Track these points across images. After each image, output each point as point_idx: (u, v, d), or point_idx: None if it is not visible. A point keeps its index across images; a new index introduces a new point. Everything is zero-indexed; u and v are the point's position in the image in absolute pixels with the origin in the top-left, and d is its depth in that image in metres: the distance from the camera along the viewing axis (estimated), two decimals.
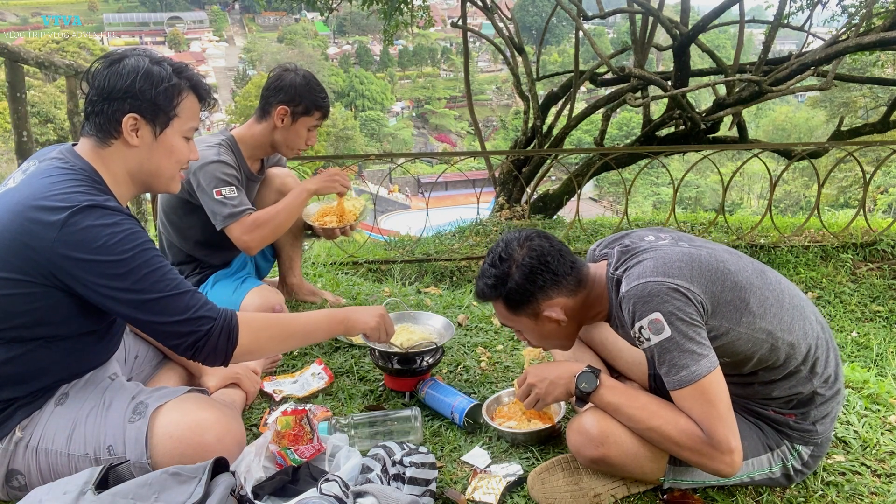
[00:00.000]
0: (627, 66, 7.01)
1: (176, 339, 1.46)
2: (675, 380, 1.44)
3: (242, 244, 2.33)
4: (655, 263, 1.48)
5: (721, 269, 1.49)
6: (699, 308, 1.44)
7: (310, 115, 2.44)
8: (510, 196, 7.23)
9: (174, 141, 1.58)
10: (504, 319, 1.70)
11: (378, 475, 1.57)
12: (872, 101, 15.06)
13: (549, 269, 1.59)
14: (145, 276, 1.41)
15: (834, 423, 1.66)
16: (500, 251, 1.63)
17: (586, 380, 1.58)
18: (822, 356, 1.58)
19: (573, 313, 1.64)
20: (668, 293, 1.43)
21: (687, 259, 1.49)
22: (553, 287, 1.59)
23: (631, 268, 1.52)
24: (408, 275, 4.67)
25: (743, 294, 1.49)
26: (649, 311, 1.43)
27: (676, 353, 1.42)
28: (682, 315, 1.42)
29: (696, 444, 1.43)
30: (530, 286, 1.59)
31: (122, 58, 1.52)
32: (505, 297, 1.62)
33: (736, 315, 1.48)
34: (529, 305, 1.61)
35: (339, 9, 8.61)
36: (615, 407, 1.54)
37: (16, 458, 1.48)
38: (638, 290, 1.45)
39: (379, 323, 1.81)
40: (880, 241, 5.10)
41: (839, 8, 7.41)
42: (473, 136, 22.11)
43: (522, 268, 1.59)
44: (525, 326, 1.68)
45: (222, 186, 2.29)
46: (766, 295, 1.53)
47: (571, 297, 1.62)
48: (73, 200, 1.38)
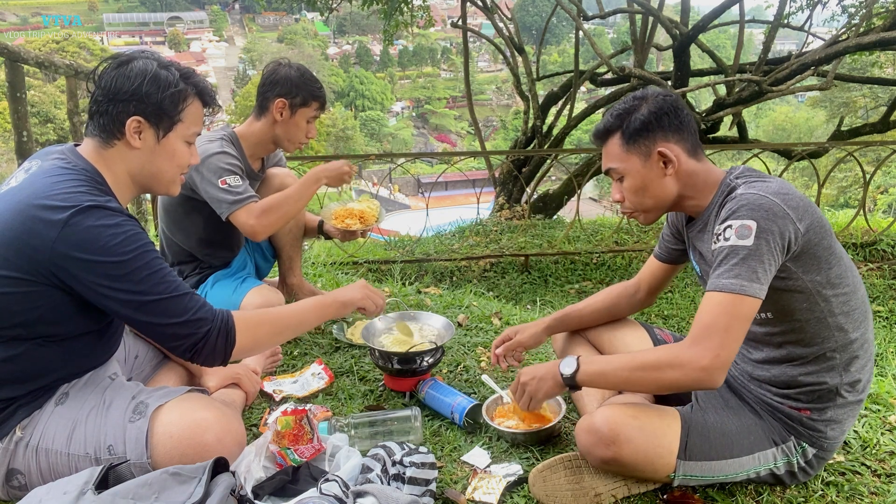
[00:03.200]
0: (627, 66, 7.02)
1: (175, 341, 1.46)
2: (722, 283, 1.42)
3: (249, 229, 2.28)
4: (780, 187, 1.48)
5: (826, 228, 1.51)
6: (791, 243, 1.44)
7: (308, 106, 2.44)
8: (510, 196, 7.23)
9: (176, 145, 1.58)
10: (613, 159, 1.65)
11: (378, 475, 1.57)
12: (872, 101, 15.07)
13: (678, 117, 1.59)
14: (145, 277, 1.41)
15: (844, 436, 1.65)
16: (635, 95, 1.64)
17: (566, 364, 1.60)
18: (861, 357, 1.58)
19: (682, 172, 1.61)
20: (776, 214, 1.42)
21: (806, 201, 1.49)
22: (674, 133, 1.59)
23: (753, 182, 1.52)
24: (408, 275, 4.67)
25: (831, 259, 1.50)
26: (749, 216, 1.43)
27: (742, 263, 1.41)
28: (772, 239, 1.41)
29: (674, 355, 1.44)
30: (655, 121, 1.59)
31: (130, 60, 1.53)
32: (625, 127, 1.61)
33: (814, 270, 1.49)
34: (646, 140, 1.60)
35: (339, 9, 8.62)
36: (600, 373, 1.56)
37: (16, 457, 1.48)
38: (752, 198, 1.45)
39: (365, 294, 1.83)
40: (880, 241, 5.10)
41: (839, 8, 7.42)
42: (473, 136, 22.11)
43: (653, 104, 1.60)
44: (631, 167, 1.63)
45: (227, 175, 2.29)
46: (847, 275, 1.54)
47: (687, 154, 1.61)
48: (75, 200, 1.38)
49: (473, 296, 3.32)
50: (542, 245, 5.30)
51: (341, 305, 1.79)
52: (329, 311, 1.77)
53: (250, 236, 2.31)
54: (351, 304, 1.81)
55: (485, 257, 5.03)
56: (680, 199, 1.66)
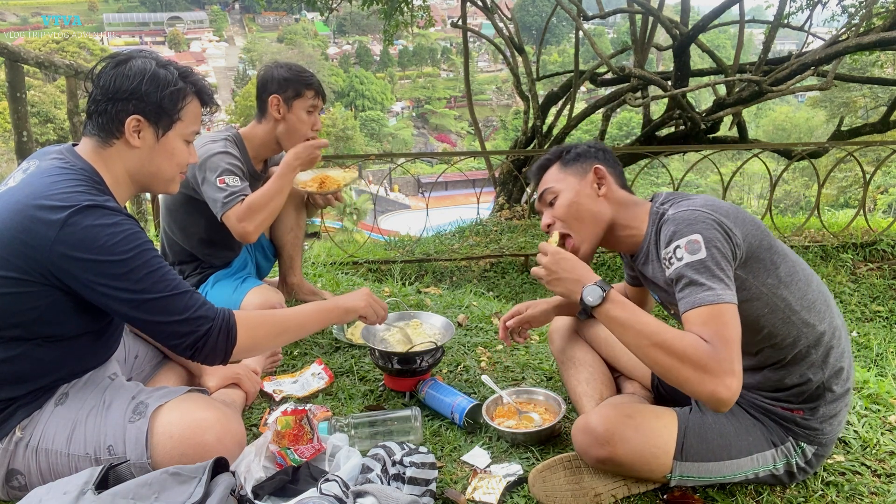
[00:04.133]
0: (627, 66, 7.02)
1: (175, 339, 1.46)
2: (696, 299, 1.40)
3: (241, 230, 2.25)
4: (706, 201, 1.54)
5: (762, 229, 1.55)
6: (735, 250, 1.47)
7: (302, 97, 2.43)
8: (510, 196, 7.24)
9: (175, 144, 1.59)
10: (548, 182, 1.77)
11: (378, 475, 1.57)
12: (872, 101, 15.08)
13: (609, 155, 1.77)
14: (145, 276, 1.41)
15: (841, 427, 1.65)
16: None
17: (591, 293, 1.49)
18: (836, 346, 1.59)
19: (612, 198, 1.72)
20: (712, 223, 1.46)
21: (734, 208, 1.55)
22: (606, 164, 1.74)
23: (679, 202, 1.58)
24: (408, 275, 4.67)
25: (775, 258, 1.54)
26: (690, 232, 1.46)
27: (705, 275, 1.41)
28: (720, 245, 1.44)
29: (701, 357, 1.34)
30: (591, 151, 1.76)
31: (128, 59, 1.53)
32: (563, 157, 1.78)
33: (763, 273, 1.52)
34: (582, 163, 1.74)
35: (339, 9, 8.63)
36: (622, 322, 1.46)
37: (16, 457, 1.48)
38: (685, 215, 1.49)
39: (368, 303, 1.83)
40: (880, 241, 5.10)
41: (839, 8, 7.42)
42: (473, 136, 22.10)
43: (586, 145, 1.80)
44: (566, 185, 1.73)
45: (226, 175, 2.29)
46: (796, 269, 1.57)
47: (617, 184, 1.74)
48: (73, 200, 1.38)
49: (473, 296, 3.32)
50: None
51: (344, 312, 1.79)
52: (331, 317, 1.77)
53: (241, 238, 2.28)
54: (353, 311, 1.81)
55: (485, 257, 5.03)
56: (614, 227, 1.71)
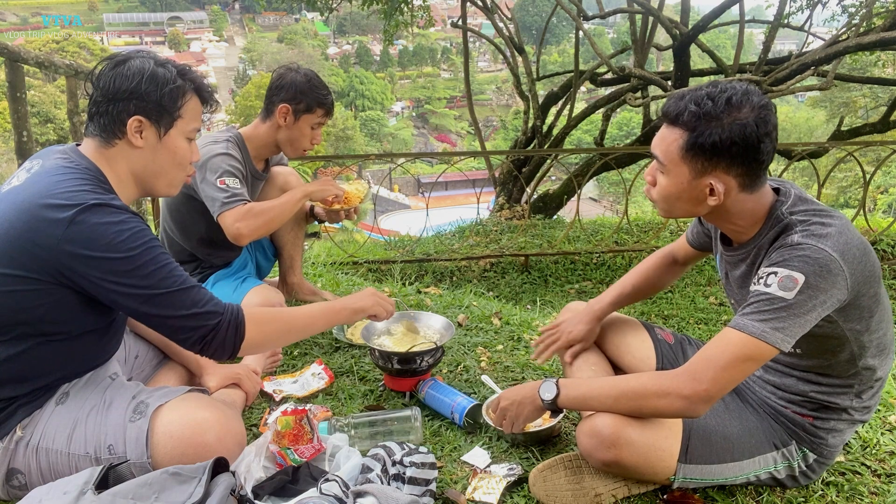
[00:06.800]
0: (627, 66, 7.02)
1: (184, 333, 1.47)
2: (745, 322, 1.38)
3: (235, 231, 2.24)
4: (840, 237, 1.37)
5: (876, 276, 1.43)
6: (834, 304, 1.38)
7: (312, 113, 2.44)
8: (510, 196, 7.24)
9: (178, 142, 1.59)
10: (665, 152, 1.47)
11: (378, 475, 1.57)
12: (872, 101, 15.07)
13: (754, 151, 1.39)
14: (153, 272, 1.42)
15: (843, 443, 1.65)
16: (734, 94, 1.39)
17: (546, 389, 1.58)
18: (877, 388, 1.59)
19: (721, 205, 1.48)
20: (830, 272, 1.34)
21: (863, 251, 1.40)
22: (739, 167, 1.41)
23: (813, 224, 1.40)
24: (408, 275, 4.67)
25: (873, 306, 1.45)
26: (799, 269, 1.35)
27: (775, 314, 1.36)
28: (818, 297, 1.35)
29: (663, 384, 1.42)
30: (726, 150, 1.39)
31: (126, 59, 1.53)
32: (695, 133, 1.40)
33: (855, 320, 1.45)
34: (705, 162, 1.42)
35: (339, 9, 8.63)
36: (583, 398, 1.55)
37: (16, 457, 1.48)
38: (809, 251, 1.35)
39: (375, 301, 1.84)
40: (880, 241, 5.10)
41: (839, 8, 7.42)
42: (473, 135, 22.11)
43: (738, 127, 1.37)
44: (676, 176, 1.47)
45: (227, 177, 2.29)
46: (885, 316, 1.49)
47: (740, 188, 1.45)
48: (79, 199, 1.38)
49: (473, 296, 3.32)
50: (542, 245, 5.30)
51: (352, 312, 1.80)
52: (340, 318, 1.78)
53: (233, 239, 2.26)
54: (362, 311, 1.82)
55: (485, 257, 5.03)
56: (715, 216, 1.56)
